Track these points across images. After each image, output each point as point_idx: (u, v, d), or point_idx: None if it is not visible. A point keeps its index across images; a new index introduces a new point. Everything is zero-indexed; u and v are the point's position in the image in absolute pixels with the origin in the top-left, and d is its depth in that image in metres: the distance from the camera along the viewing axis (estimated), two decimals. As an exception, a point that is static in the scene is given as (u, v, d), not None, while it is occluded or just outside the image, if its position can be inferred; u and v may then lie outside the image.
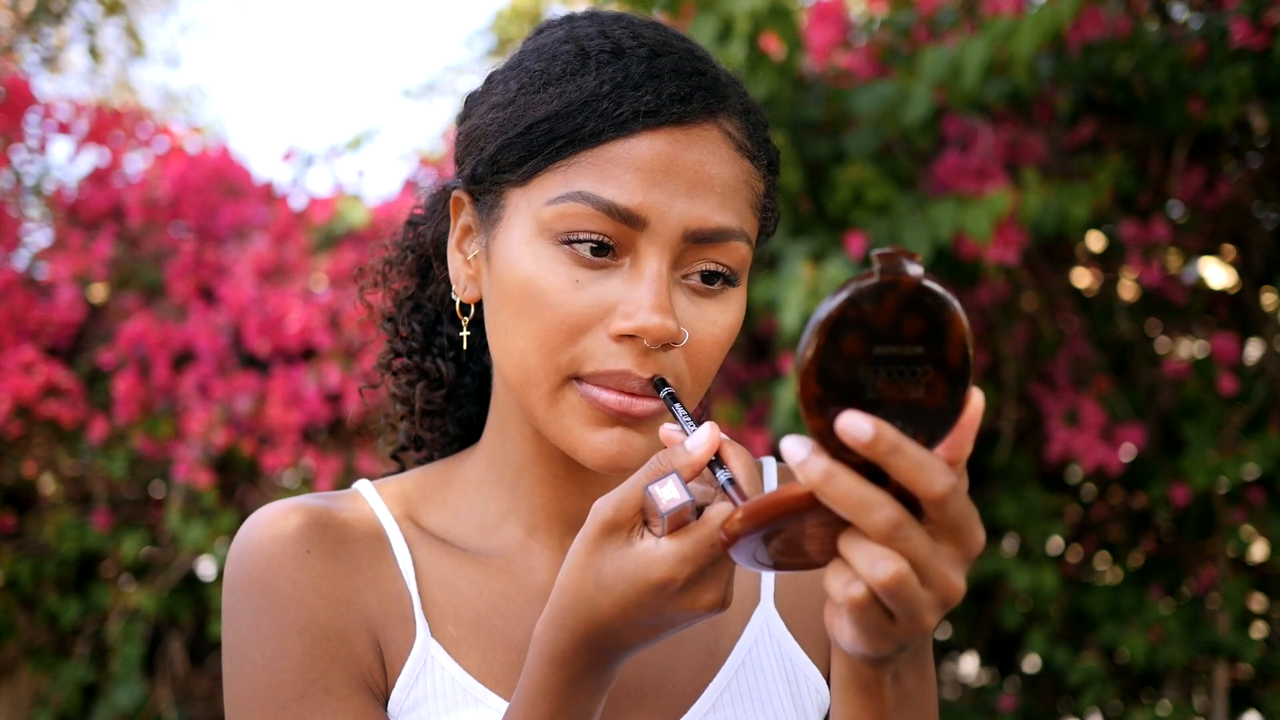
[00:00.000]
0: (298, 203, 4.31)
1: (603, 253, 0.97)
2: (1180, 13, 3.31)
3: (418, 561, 1.10)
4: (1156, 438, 3.44)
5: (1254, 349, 3.53)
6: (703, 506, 0.86)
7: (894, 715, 0.88)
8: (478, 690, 1.04)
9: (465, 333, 1.13)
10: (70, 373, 3.98)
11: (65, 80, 7.94)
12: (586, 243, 0.97)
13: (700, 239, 0.98)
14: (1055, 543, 3.60)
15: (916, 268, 0.71)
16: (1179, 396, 3.40)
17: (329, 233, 4.02)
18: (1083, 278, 3.59)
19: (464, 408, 1.24)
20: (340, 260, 3.90)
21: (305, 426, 3.84)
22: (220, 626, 1.06)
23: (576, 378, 0.99)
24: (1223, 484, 3.29)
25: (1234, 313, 3.55)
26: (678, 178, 0.97)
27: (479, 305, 1.10)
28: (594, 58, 1.00)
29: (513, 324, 1.00)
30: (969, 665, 3.96)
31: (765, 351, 3.34)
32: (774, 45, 3.10)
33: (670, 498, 0.82)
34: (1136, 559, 3.63)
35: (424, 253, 1.20)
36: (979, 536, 0.75)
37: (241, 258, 4.00)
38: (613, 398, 0.97)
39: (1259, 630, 3.48)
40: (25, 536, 4.13)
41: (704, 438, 0.85)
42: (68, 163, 4.52)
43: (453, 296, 1.10)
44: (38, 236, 4.43)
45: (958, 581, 0.75)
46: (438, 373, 1.21)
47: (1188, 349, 3.59)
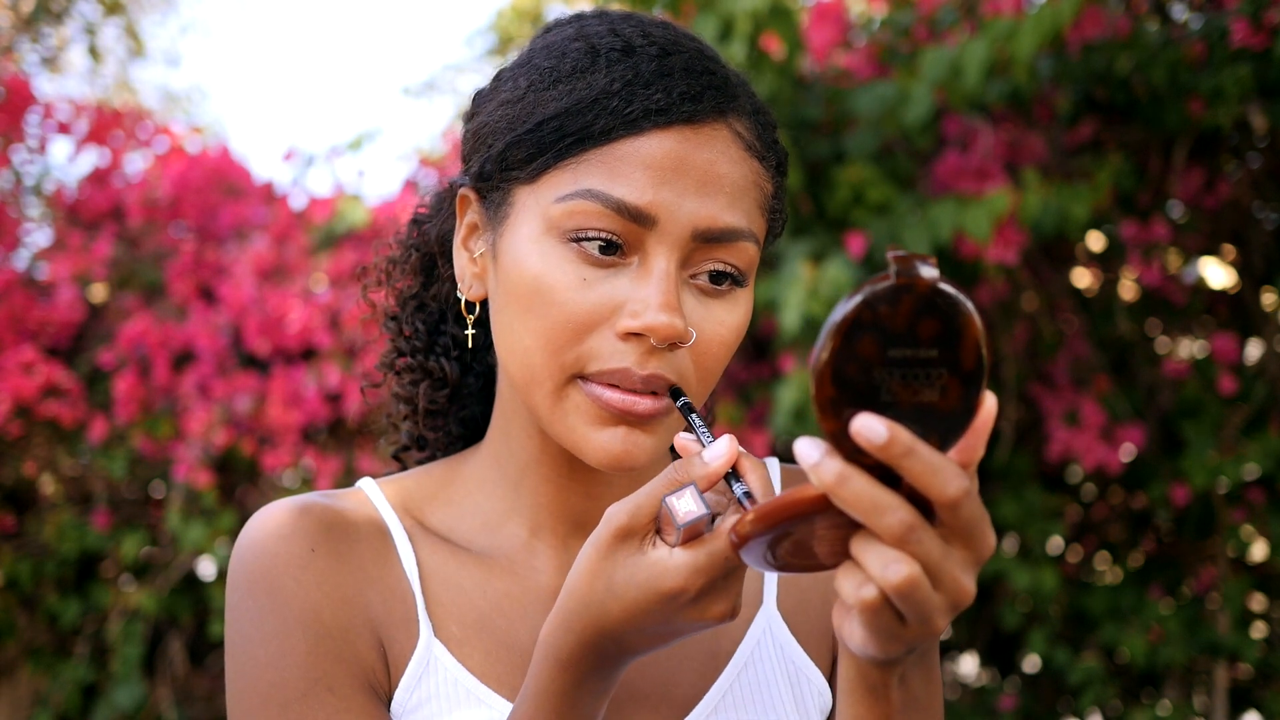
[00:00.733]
0: (298, 203, 4.31)
1: (611, 251, 0.97)
2: (1180, 13, 3.31)
3: (421, 561, 1.09)
4: (1156, 438, 3.44)
5: (1254, 349, 3.53)
6: (716, 516, 0.85)
7: (900, 717, 0.88)
8: (481, 691, 1.04)
9: (470, 331, 1.12)
10: (70, 373, 3.98)
11: (65, 80, 7.94)
12: (595, 241, 0.96)
13: (709, 238, 0.98)
14: (1055, 543, 3.60)
15: (932, 270, 0.71)
16: (1179, 396, 3.40)
17: (329, 233, 4.01)
18: (1083, 278, 3.59)
19: (467, 407, 1.23)
20: (340, 260, 3.90)
21: (305, 426, 3.84)
22: (221, 626, 1.06)
23: (581, 376, 0.98)
24: (1223, 484, 3.29)
25: (1234, 313, 3.55)
26: (687, 177, 0.97)
27: (484, 304, 1.09)
28: (604, 55, 0.99)
29: (519, 322, 0.99)
30: (969, 665, 3.96)
31: (765, 351, 3.34)
32: (774, 45, 3.10)
33: (688, 510, 0.82)
34: (1136, 559, 3.63)
35: (428, 251, 1.19)
36: (990, 540, 0.75)
37: (241, 258, 3.99)
38: (617, 396, 0.97)
39: (1259, 630, 3.48)
40: (25, 536, 4.13)
41: (722, 450, 0.85)
42: (68, 163, 4.52)
43: (458, 295, 1.09)
44: (38, 236, 4.44)
45: (969, 585, 0.75)
46: (441, 372, 1.20)
47: (1188, 349, 3.59)
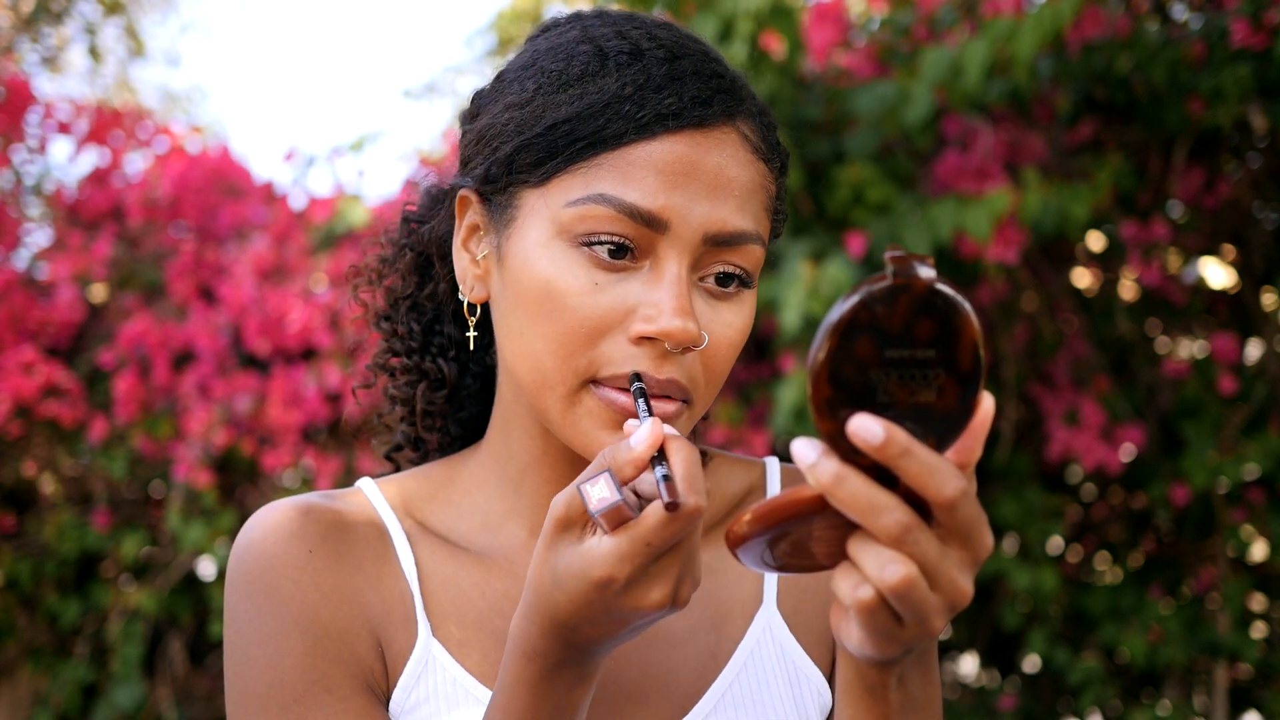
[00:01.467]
0: (298, 203, 4.31)
1: (621, 255, 0.97)
2: (1180, 13, 3.31)
3: (420, 560, 1.09)
4: (1156, 438, 3.44)
5: (1254, 349, 3.53)
6: (650, 503, 0.84)
7: (899, 718, 0.88)
8: (479, 691, 1.04)
9: (472, 333, 1.12)
10: (70, 373, 3.98)
11: (65, 80, 7.94)
12: (606, 244, 0.96)
13: (719, 242, 0.98)
14: (1055, 543, 3.59)
15: (929, 270, 0.71)
16: (1179, 396, 3.39)
17: (329, 233, 4.01)
18: (1083, 278, 3.59)
19: (465, 408, 1.23)
20: (340, 260, 3.90)
21: (305, 426, 3.84)
22: (220, 626, 1.06)
23: (594, 381, 0.98)
24: (1223, 484, 3.29)
25: (1234, 313, 3.55)
26: (698, 180, 0.97)
27: (484, 306, 1.09)
28: (612, 59, 0.99)
29: (529, 326, 0.99)
30: (969, 665, 3.96)
31: (765, 351, 3.34)
32: (775, 45, 3.10)
33: (600, 497, 0.81)
34: (1136, 559, 3.63)
35: (423, 251, 1.19)
36: (988, 540, 0.75)
37: (241, 258, 3.99)
38: (631, 401, 0.97)
39: (1259, 630, 3.48)
40: (25, 536, 4.13)
41: (645, 433, 0.84)
42: (68, 163, 4.52)
43: (461, 297, 1.09)
44: (38, 236, 4.43)
45: (966, 585, 0.75)
46: (439, 373, 1.20)
47: (1188, 349, 3.59)
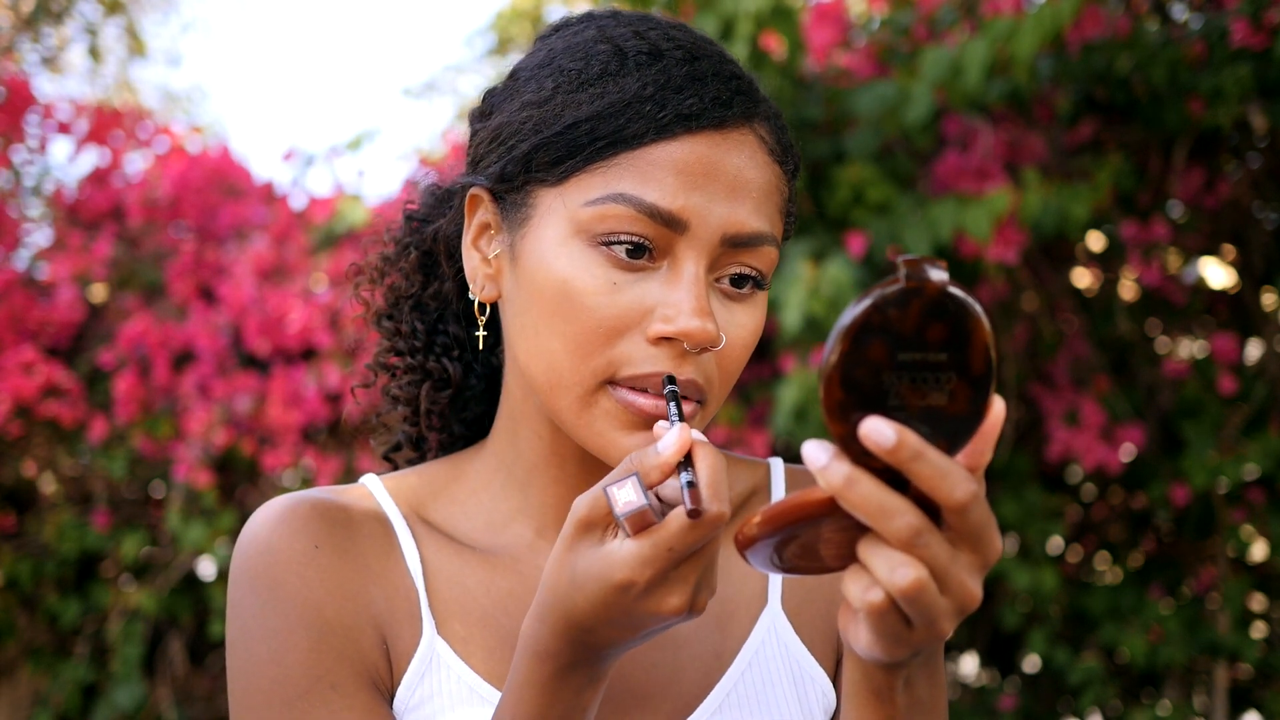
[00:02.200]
0: (298, 203, 4.31)
1: (639, 255, 0.97)
2: (1180, 13, 3.32)
3: (425, 558, 1.09)
4: (1156, 438, 3.44)
5: (1254, 349, 3.53)
6: (674, 507, 0.84)
7: None
8: (483, 689, 1.04)
9: (482, 332, 1.11)
10: (70, 373, 3.98)
11: (65, 80, 7.93)
12: (624, 244, 0.96)
13: (737, 243, 0.98)
14: (1055, 543, 3.60)
15: (941, 274, 0.71)
16: (1179, 396, 3.40)
17: (329, 233, 4.02)
18: (1083, 278, 3.59)
19: (469, 409, 1.23)
20: (340, 260, 3.90)
21: (305, 426, 3.84)
22: (221, 626, 1.06)
23: (611, 382, 0.98)
24: (1223, 484, 3.29)
25: (1234, 313, 3.55)
26: (718, 181, 0.97)
27: (493, 305, 1.09)
28: (632, 58, 0.99)
29: (545, 325, 0.99)
30: (969, 665, 3.96)
31: (765, 351, 3.34)
32: (775, 45, 3.10)
33: (626, 500, 0.81)
34: (1136, 559, 3.63)
35: (428, 249, 1.19)
36: (997, 544, 0.75)
37: (241, 258, 4.00)
38: (649, 402, 0.97)
39: (1259, 630, 3.48)
40: (25, 536, 4.13)
41: (673, 439, 0.84)
42: (68, 163, 4.52)
43: (470, 296, 1.09)
44: (38, 236, 4.43)
45: (975, 589, 0.75)
46: (444, 373, 1.20)
47: (1188, 349, 3.59)
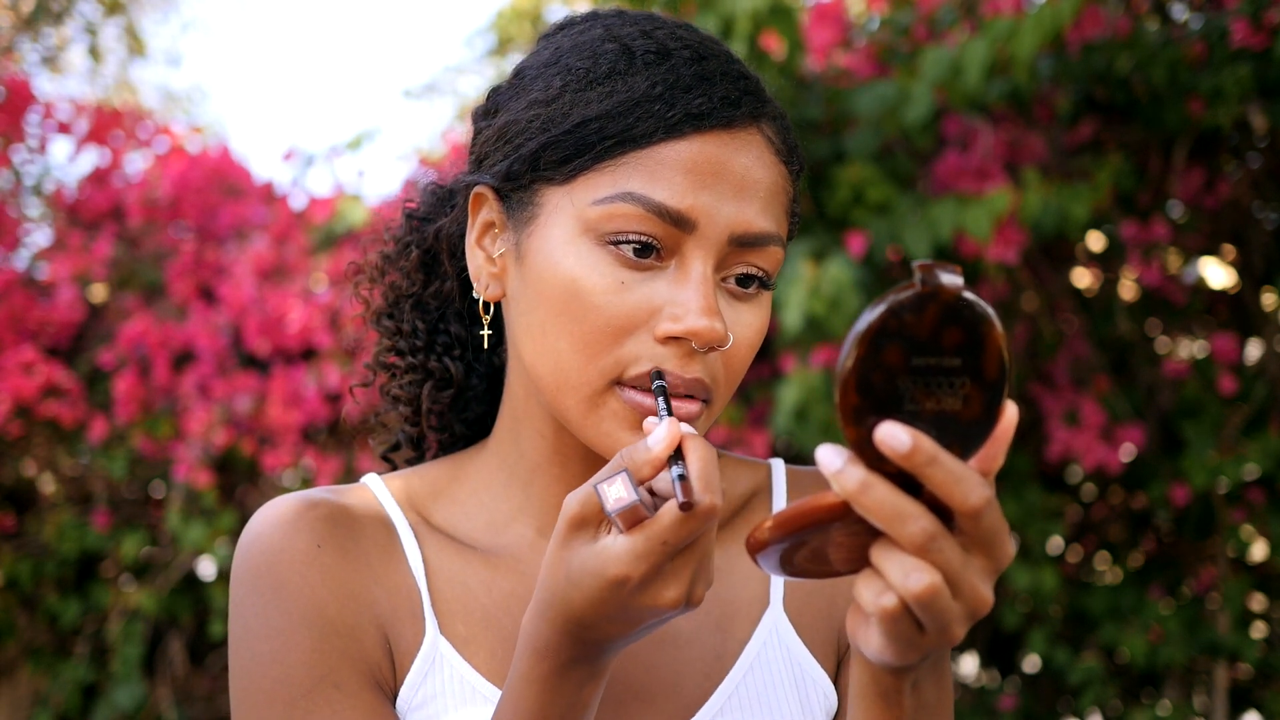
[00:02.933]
0: (298, 203, 4.31)
1: (647, 254, 0.97)
2: (1180, 13, 3.32)
3: (427, 557, 1.09)
4: (1156, 438, 3.44)
5: (1254, 349, 3.53)
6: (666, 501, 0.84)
7: None
8: (486, 689, 1.04)
9: (486, 331, 1.11)
10: (70, 373, 3.98)
11: (65, 80, 7.93)
12: (632, 243, 0.96)
13: (744, 243, 0.99)
14: (1055, 543, 3.59)
15: (956, 279, 0.71)
16: (1179, 396, 3.40)
17: (329, 233, 4.02)
18: (1083, 278, 3.59)
19: (470, 409, 1.22)
20: (340, 260, 3.90)
21: (305, 426, 3.84)
22: (221, 626, 1.06)
23: (618, 382, 0.98)
24: (1223, 484, 3.29)
25: (1234, 313, 3.55)
26: (725, 181, 0.98)
27: (497, 305, 1.09)
28: (640, 57, 1.00)
29: (551, 325, 0.99)
30: (969, 665, 3.96)
31: (765, 351, 3.34)
32: (774, 45, 3.10)
33: (617, 497, 0.81)
34: (1136, 559, 3.63)
35: (429, 248, 1.18)
36: (1009, 549, 0.76)
37: (241, 258, 4.00)
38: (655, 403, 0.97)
39: (1259, 630, 3.48)
40: (25, 536, 4.13)
41: (663, 433, 0.84)
42: (68, 163, 4.52)
43: (475, 295, 1.09)
44: (38, 236, 4.43)
45: (987, 593, 0.75)
46: (445, 372, 1.20)
47: (1188, 349, 3.59)
